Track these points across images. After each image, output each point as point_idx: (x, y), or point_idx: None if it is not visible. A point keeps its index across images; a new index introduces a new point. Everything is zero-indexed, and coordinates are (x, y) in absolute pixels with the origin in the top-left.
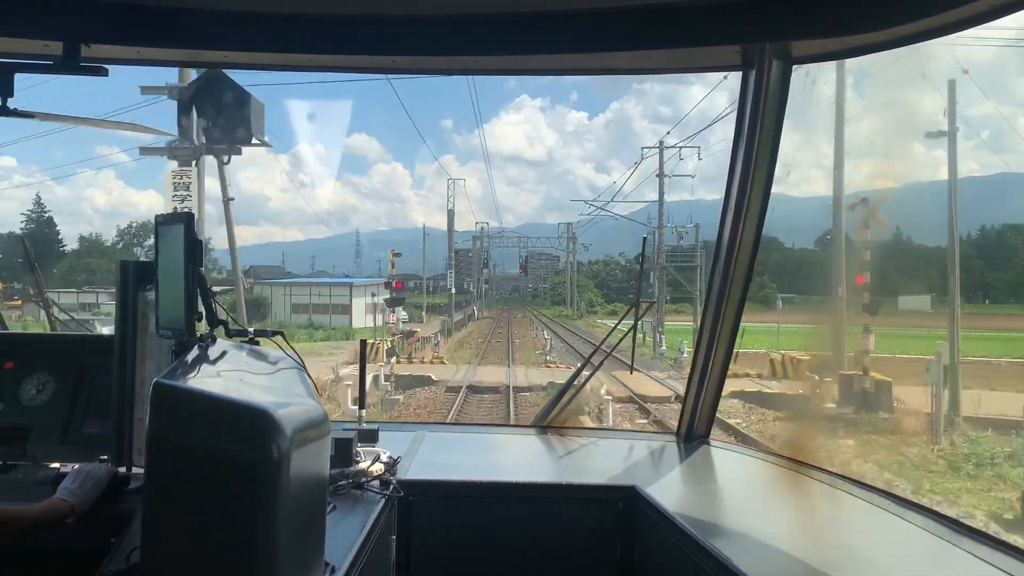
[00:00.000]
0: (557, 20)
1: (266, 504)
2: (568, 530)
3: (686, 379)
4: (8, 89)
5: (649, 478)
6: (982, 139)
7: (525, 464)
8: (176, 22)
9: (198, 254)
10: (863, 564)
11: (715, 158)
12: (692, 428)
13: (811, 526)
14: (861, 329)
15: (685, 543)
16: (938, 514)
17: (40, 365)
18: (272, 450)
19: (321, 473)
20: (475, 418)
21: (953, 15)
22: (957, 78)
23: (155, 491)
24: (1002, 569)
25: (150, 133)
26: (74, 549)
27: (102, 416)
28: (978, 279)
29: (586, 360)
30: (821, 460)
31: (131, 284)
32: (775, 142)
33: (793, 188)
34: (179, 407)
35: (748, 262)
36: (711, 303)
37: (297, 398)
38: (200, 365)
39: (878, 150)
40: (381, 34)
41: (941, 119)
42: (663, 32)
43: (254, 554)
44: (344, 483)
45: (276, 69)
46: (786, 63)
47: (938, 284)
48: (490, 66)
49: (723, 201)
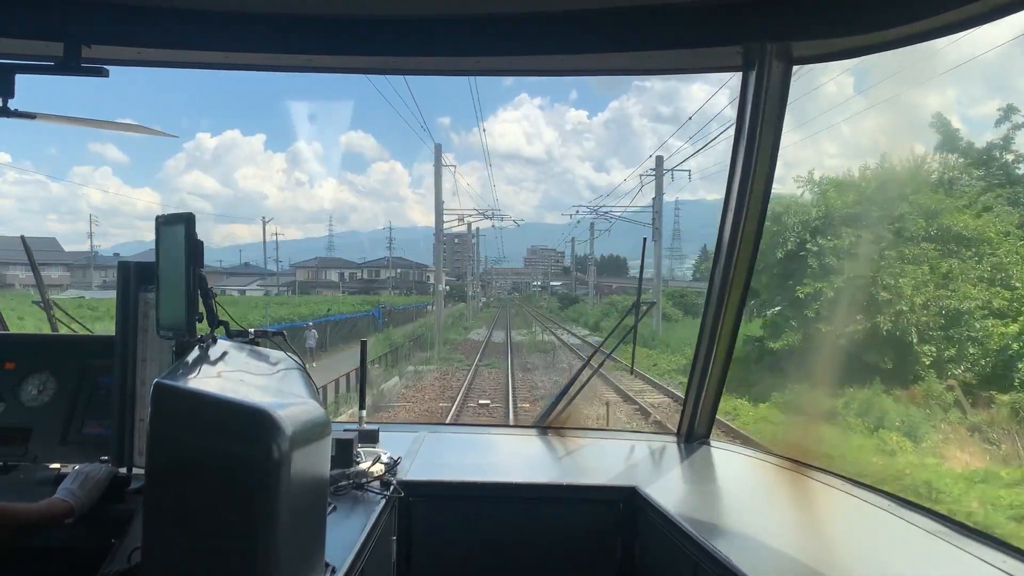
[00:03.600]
0: (557, 21)
1: (266, 504)
2: (568, 530)
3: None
4: (9, 90)
5: (649, 478)
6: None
7: (525, 465)
8: (176, 23)
9: (199, 255)
10: (863, 564)
11: (717, 157)
12: (692, 428)
13: (811, 526)
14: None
15: (685, 543)
16: (938, 514)
17: (41, 366)
18: (273, 450)
19: (321, 473)
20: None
21: (953, 16)
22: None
23: (156, 492)
24: (1002, 569)
25: (150, 134)
26: (75, 549)
27: (103, 417)
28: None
29: (586, 361)
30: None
31: (132, 285)
32: (775, 143)
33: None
34: (180, 408)
35: (748, 263)
36: (711, 303)
37: (297, 399)
38: (201, 366)
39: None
40: (381, 35)
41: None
42: (663, 33)
43: (254, 554)
44: (345, 483)
45: (275, 69)
46: (787, 64)
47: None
48: (489, 67)
49: (723, 202)
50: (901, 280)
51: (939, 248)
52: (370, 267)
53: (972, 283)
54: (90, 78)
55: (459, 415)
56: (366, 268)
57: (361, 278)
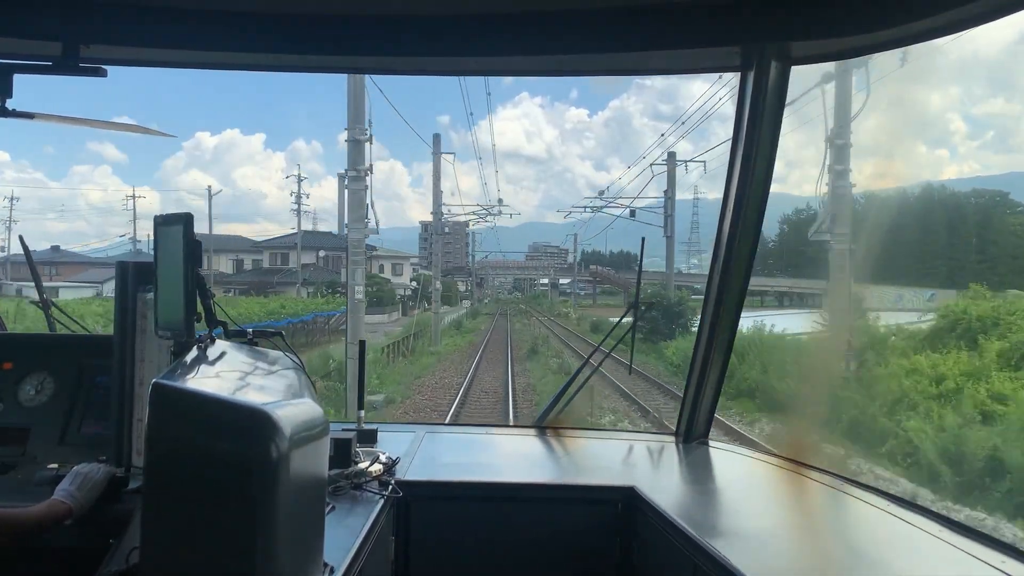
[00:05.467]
0: (555, 21)
1: (265, 504)
2: (567, 531)
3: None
4: (7, 90)
5: (648, 478)
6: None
7: (524, 464)
8: (174, 23)
9: (197, 254)
10: (861, 564)
11: (718, 155)
12: (691, 428)
13: (810, 526)
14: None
15: (684, 543)
16: (938, 514)
17: (39, 365)
18: (271, 450)
19: (320, 473)
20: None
21: (952, 15)
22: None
23: (154, 492)
24: (1001, 570)
25: (149, 134)
26: (73, 550)
27: (101, 417)
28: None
29: (585, 360)
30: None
31: (130, 285)
32: (774, 142)
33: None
34: (178, 408)
35: (746, 262)
36: (709, 303)
37: (296, 398)
38: (199, 365)
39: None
40: (380, 34)
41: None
42: (662, 33)
43: (253, 554)
44: (343, 483)
45: (273, 69)
46: (785, 64)
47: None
48: (489, 67)
49: (722, 201)
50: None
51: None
52: (275, 249)
53: None
54: (88, 78)
55: None
56: (270, 251)
57: (265, 267)
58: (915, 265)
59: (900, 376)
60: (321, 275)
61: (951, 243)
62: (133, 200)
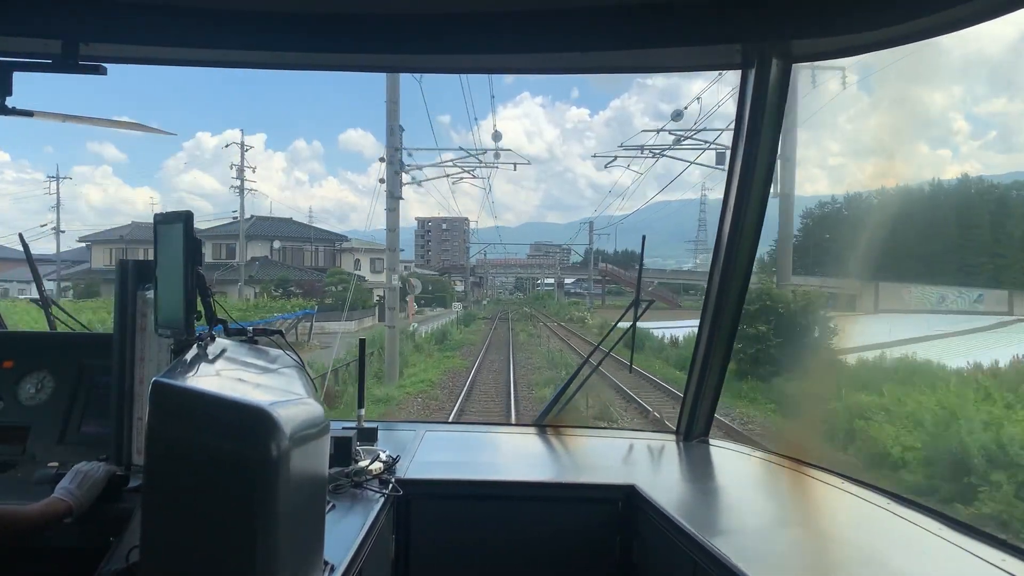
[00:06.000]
0: (555, 19)
1: (265, 503)
2: (567, 529)
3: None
4: (6, 88)
5: (648, 477)
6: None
7: (524, 463)
8: (174, 21)
9: (197, 253)
10: (862, 562)
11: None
12: (691, 427)
13: (811, 525)
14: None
15: (684, 542)
16: (939, 513)
17: (39, 364)
18: (271, 449)
19: (320, 472)
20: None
21: (953, 13)
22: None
23: (154, 490)
24: (1002, 568)
25: (150, 132)
26: (73, 548)
27: (101, 415)
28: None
29: (585, 359)
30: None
31: (130, 283)
32: (775, 141)
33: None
34: (178, 406)
35: (747, 260)
36: (710, 302)
37: (296, 397)
38: (199, 364)
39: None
40: (380, 33)
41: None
42: (663, 31)
43: (253, 553)
44: (343, 482)
45: (274, 67)
46: (786, 62)
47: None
48: (490, 65)
49: (722, 200)
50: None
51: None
52: (219, 239)
53: None
54: (88, 76)
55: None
56: (213, 241)
57: (207, 261)
58: (956, 264)
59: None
60: (273, 271)
61: (996, 239)
62: (57, 183)
